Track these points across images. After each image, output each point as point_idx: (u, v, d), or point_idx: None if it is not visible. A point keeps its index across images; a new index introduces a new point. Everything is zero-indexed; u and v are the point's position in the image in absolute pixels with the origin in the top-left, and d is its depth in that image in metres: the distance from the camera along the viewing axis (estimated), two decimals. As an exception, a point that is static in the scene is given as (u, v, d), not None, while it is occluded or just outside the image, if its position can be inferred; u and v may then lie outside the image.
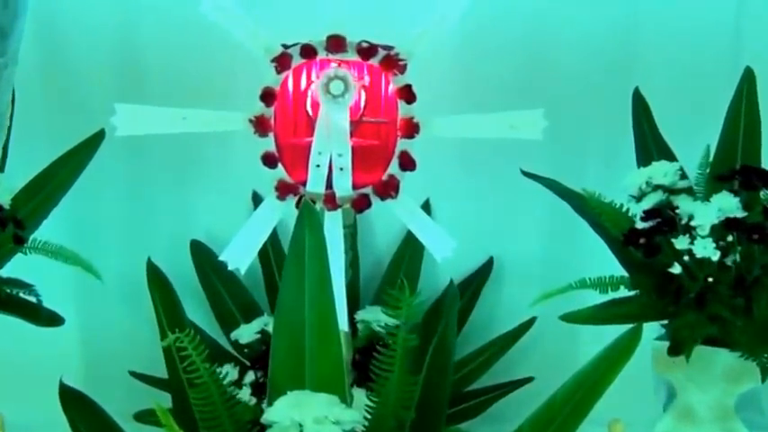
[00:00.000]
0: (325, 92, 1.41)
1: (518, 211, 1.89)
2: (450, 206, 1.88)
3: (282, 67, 1.43)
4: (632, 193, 1.52)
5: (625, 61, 1.83)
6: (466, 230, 1.76)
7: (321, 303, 1.09)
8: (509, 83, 1.81)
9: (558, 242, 1.88)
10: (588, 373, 1.07)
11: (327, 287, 1.09)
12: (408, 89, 1.45)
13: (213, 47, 1.75)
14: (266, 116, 1.43)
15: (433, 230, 1.48)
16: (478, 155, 1.83)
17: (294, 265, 1.09)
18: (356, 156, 1.44)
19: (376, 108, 1.46)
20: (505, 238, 1.91)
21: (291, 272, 1.09)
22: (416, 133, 1.45)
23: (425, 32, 1.44)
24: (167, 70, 1.83)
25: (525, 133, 1.47)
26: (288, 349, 1.11)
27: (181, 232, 1.89)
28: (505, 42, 1.82)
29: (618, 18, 1.83)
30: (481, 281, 1.89)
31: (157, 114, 1.45)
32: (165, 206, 1.92)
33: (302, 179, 1.45)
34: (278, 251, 1.82)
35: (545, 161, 1.72)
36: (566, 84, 1.83)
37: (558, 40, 1.82)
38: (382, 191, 1.46)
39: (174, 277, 1.75)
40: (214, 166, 1.89)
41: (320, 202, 1.44)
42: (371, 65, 1.44)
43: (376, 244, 1.92)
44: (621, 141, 1.69)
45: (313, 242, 1.10)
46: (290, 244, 1.10)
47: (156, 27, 1.82)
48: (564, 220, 1.72)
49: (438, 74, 1.76)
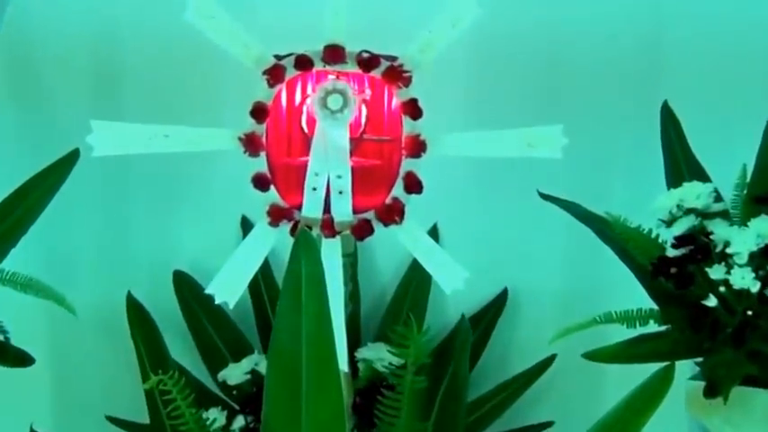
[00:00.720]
0: (323, 107, 1.41)
1: (535, 237, 1.89)
2: (461, 232, 1.88)
3: (275, 80, 1.43)
4: (662, 218, 1.51)
5: (652, 73, 1.83)
6: (478, 259, 1.75)
7: (320, 341, 1.08)
8: (525, 97, 1.81)
9: (580, 271, 1.88)
10: (615, 418, 1.07)
11: (326, 323, 1.08)
12: (414, 104, 1.45)
13: (198, 58, 1.75)
14: (257, 134, 1.43)
15: (442, 260, 1.48)
16: (491, 176, 1.83)
17: (289, 300, 1.08)
18: (357, 177, 1.44)
19: (378, 124, 1.46)
20: (521, 267, 1.91)
21: (287, 307, 1.08)
22: (423, 152, 1.45)
23: (432, 41, 1.44)
24: (148, 84, 1.84)
25: (543, 152, 1.47)
26: (282, 392, 1.10)
27: (163, 262, 1.89)
28: (521, 52, 1.82)
29: (643, 26, 1.83)
30: (495, 314, 1.89)
31: (137, 132, 1.44)
32: (146, 233, 1.91)
33: (297, 203, 1.45)
34: (270, 283, 1.82)
35: (565, 182, 1.71)
36: (587, 98, 1.83)
37: (578, 50, 1.83)
38: (385, 216, 1.46)
39: (154, 311, 1.76)
40: (199, 189, 1.89)
41: (317, 229, 1.44)
42: (373, 77, 1.44)
43: (378, 274, 1.92)
44: (649, 160, 1.68)
45: (310, 274, 1.09)
46: (284, 276, 1.10)
47: (136, 37, 1.83)
48: (586, 248, 1.71)
49: (447, 87, 1.77)
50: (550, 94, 1.82)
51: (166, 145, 1.43)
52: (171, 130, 1.44)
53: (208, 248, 1.87)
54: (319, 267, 1.10)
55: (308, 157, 1.43)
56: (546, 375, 1.83)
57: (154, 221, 1.91)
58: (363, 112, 1.46)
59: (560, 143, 1.47)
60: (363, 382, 1.65)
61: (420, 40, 1.44)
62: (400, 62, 1.44)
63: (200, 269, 1.86)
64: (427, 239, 1.50)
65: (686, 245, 1.44)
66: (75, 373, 1.90)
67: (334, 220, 1.44)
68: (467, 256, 1.54)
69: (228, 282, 1.44)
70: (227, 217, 1.87)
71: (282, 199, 1.45)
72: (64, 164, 1.65)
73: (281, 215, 1.45)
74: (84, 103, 1.83)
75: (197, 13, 1.40)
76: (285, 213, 1.45)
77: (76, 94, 1.84)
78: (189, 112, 1.77)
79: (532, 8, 1.81)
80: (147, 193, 1.89)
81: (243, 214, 1.87)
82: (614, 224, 1.52)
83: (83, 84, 1.85)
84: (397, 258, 1.87)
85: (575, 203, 1.64)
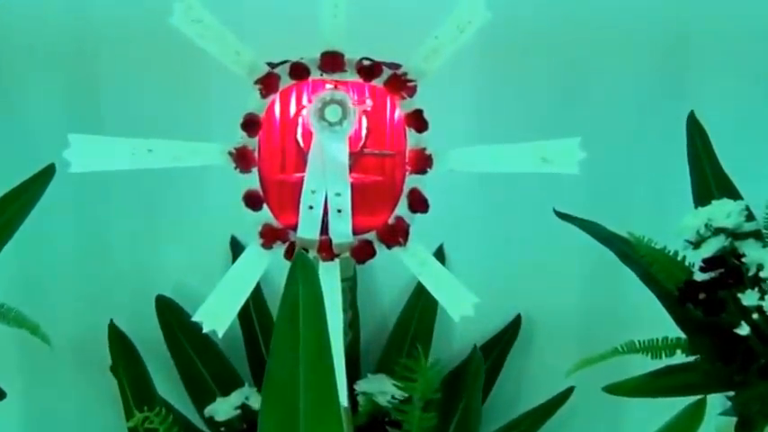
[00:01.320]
0: (320, 119, 1.41)
1: (551, 259, 1.89)
2: (470, 254, 1.88)
3: (268, 90, 1.43)
4: (689, 238, 1.51)
5: (677, 81, 1.83)
6: (488, 284, 1.74)
7: (319, 374, 1.06)
8: (539, 108, 1.81)
9: (600, 297, 1.88)
10: (641, 458, 1.06)
11: (326, 354, 1.07)
12: (418, 115, 1.44)
13: (185, 66, 1.75)
14: (249, 148, 1.43)
15: (450, 284, 1.47)
16: (503, 193, 1.83)
17: (286, 328, 1.07)
18: (357, 195, 1.43)
19: (380, 138, 1.46)
20: (536, 292, 1.91)
21: (283, 336, 1.07)
22: (429, 167, 1.45)
23: (439, 48, 1.44)
24: (130, 95, 1.84)
25: (559, 167, 1.47)
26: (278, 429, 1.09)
27: (145, 287, 1.88)
28: (534, 59, 1.82)
29: (667, 31, 1.83)
30: (507, 344, 1.89)
31: (118, 146, 1.44)
32: (128, 255, 1.91)
33: (292, 223, 1.44)
34: (262, 310, 1.82)
35: (583, 200, 1.71)
36: (606, 108, 1.83)
37: (596, 57, 1.83)
38: (388, 237, 1.45)
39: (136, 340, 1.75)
40: (186, 208, 1.89)
41: (314, 251, 1.43)
42: (374, 86, 1.44)
43: (380, 300, 1.92)
44: (674, 176, 1.68)
45: (309, 300, 1.08)
46: (280, 302, 1.09)
47: (116, 44, 1.83)
48: (606, 271, 1.71)
49: (454, 97, 1.77)
50: (567, 105, 1.82)
51: (150, 160, 1.43)
52: (155, 144, 1.43)
53: (194, 272, 1.87)
54: (318, 293, 1.09)
55: (303, 174, 1.43)
56: (562, 410, 1.82)
57: (136, 243, 1.91)
58: (364, 124, 1.45)
59: (577, 157, 1.46)
60: (364, 417, 1.64)
61: (425, 47, 1.43)
62: (404, 70, 1.44)
63: (186, 294, 1.86)
64: (433, 262, 1.49)
65: (716, 268, 1.44)
66: (51, 409, 1.89)
67: (332, 242, 1.43)
68: (476, 281, 1.53)
69: (217, 309, 1.43)
70: (215, 238, 1.87)
71: (276, 219, 1.44)
72: (38, 180, 1.64)
73: (274, 236, 1.44)
74: (60, 114, 1.83)
75: (184, 18, 1.39)
76: (279, 234, 1.44)
77: (52, 106, 1.84)
78: (174, 125, 1.77)
79: (546, 11, 1.81)
80: (129, 212, 1.89)
81: (233, 235, 1.87)
82: (637, 245, 1.52)
83: (59, 94, 1.85)
84: (401, 283, 1.87)
85: (594, 223, 1.64)
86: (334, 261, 1.44)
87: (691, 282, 1.45)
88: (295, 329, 1.08)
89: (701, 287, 1.43)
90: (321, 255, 1.43)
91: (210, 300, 1.43)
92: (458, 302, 1.46)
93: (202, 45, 1.40)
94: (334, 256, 1.44)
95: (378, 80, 1.43)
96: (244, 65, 1.42)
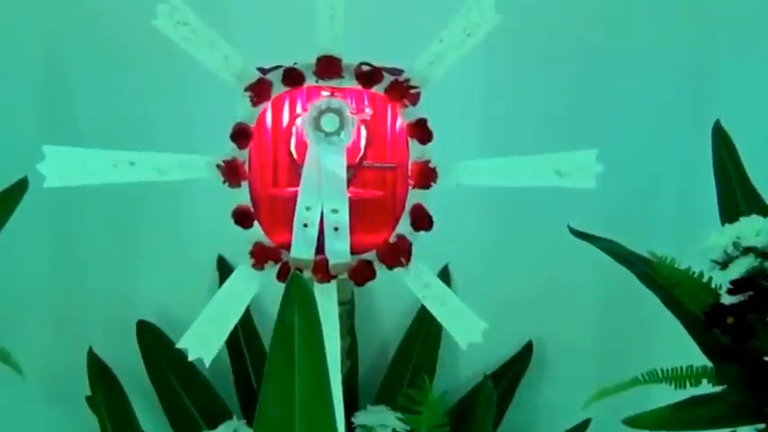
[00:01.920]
0: (315, 129, 1.41)
1: (565, 281, 1.89)
2: (477, 276, 1.88)
3: (259, 98, 1.43)
4: (715, 258, 1.51)
5: (701, 90, 1.84)
6: (498, 307, 1.75)
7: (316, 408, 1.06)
8: (553, 117, 1.82)
9: (618, 322, 1.89)
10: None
11: (324, 385, 1.07)
12: (422, 125, 1.44)
13: (170, 73, 1.76)
14: (238, 160, 1.42)
15: (456, 308, 1.47)
16: (513, 209, 1.83)
17: (280, 358, 1.06)
18: (355, 211, 1.43)
19: (381, 149, 1.46)
20: (549, 316, 1.91)
21: (276, 366, 1.06)
22: (433, 182, 1.45)
23: (444, 52, 1.44)
24: (109, 103, 1.83)
25: (575, 181, 1.47)
26: (271, 468, 1.09)
27: (126, 311, 1.88)
28: (548, 64, 1.82)
29: (692, 38, 1.84)
30: (518, 373, 1.89)
31: (97, 159, 1.43)
32: (106, 277, 1.91)
33: (285, 242, 1.44)
34: (251, 336, 1.82)
35: (600, 216, 1.71)
36: (625, 118, 1.84)
37: (615, 63, 1.84)
38: (389, 257, 1.45)
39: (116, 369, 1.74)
40: (169, 226, 1.89)
41: (309, 272, 1.43)
42: (374, 93, 1.44)
43: (379, 325, 1.92)
44: (699, 190, 1.68)
45: (304, 327, 1.07)
46: (274, 329, 1.08)
47: (94, 47, 1.83)
48: (625, 293, 1.71)
49: (461, 105, 1.77)
50: (583, 115, 1.83)
51: (132, 174, 1.43)
52: (137, 157, 1.43)
53: (178, 295, 1.87)
54: (315, 318, 1.08)
55: (297, 188, 1.43)
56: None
57: (115, 263, 1.91)
58: (363, 134, 1.45)
59: (594, 170, 1.46)
60: (362, 452, 1.65)
61: (429, 51, 1.43)
62: (406, 76, 1.44)
63: (170, 319, 1.86)
64: (438, 284, 1.49)
65: (744, 290, 1.43)
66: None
67: (328, 262, 1.43)
68: (484, 305, 1.53)
69: (204, 335, 1.42)
70: (201, 258, 1.87)
71: (268, 237, 1.44)
72: (10, 196, 1.64)
73: (266, 256, 1.44)
74: (33, 124, 1.83)
75: (168, 20, 1.39)
76: (271, 254, 1.44)
77: (24, 114, 1.84)
78: (158, 136, 1.78)
79: (562, 13, 1.82)
80: (108, 230, 1.89)
81: (220, 254, 1.87)
82: (659, 266, 1.52)
83: (31, 102, 1.85)
84: (402, 307, 1.87)
85: (612, 241, 1.64)
86: (330, 283, 1.44)
87: (717, 305, 1.45)
88: (289, 357, 1.07)
89: (729, 311, 1.43)
90: (317, 276, 1.43)
91: (196, 325, 1.43)
92: (465, 328, 1.46)
93: (188, 49, 1.40)
94: (330, 278, 1.44)
95: (378, 87, 1.43)
96: (233, 70, 1.42)
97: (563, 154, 1.47)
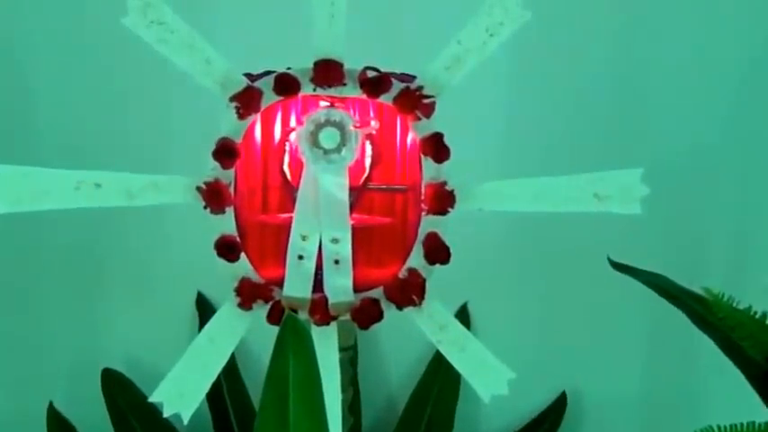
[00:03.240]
0: (312, 145, 1.40)
1: (604, 322, 1.89)
2: (502, 316, 1.89)
3: (247, 109, 1.42)
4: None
5: (761, 103, 1.84)
6: (525, 353, 1.78)
7: (316, 474, 1.07)
8: (591, 131, 1.82)
9: (666, 369, 1.88)
10: None
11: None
12: (438, 140, 1.43)
13: (141, 79, 1.76)
14: (222, 182, 1.42)
15: (477, 354, 1.46)
16: (542, 239, 1.84)
17: (272, 415, 1.06)
18: (359, 241, 1.43)
19: (389, 168, 1.46)
20: (585, 363, 1.92)
21: (268, 425, 1.07)
22: (450, 206, 1.44)
23: (462, 55, 1.44)
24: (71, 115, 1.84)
25: (617, 205, 1.45)
26: None
27: (89, 358, 1.88)
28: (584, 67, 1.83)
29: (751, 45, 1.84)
30: (550, 429, 1.88)
31: (57, 180, 1.42)
32: (67, 319, 1.91)
33: (277, 277, 1.43)
34: (237, 388, 1.83)
35: (645, 247, 1.72)
36: (674, 133, 1.84)
37: (663, 72, 1.84)
38: (399, 294, 1.44)
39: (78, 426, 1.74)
40: (140, 258, 1.89)
41: (305, 313, 1.42)
42: (382, 104, 1.43)
43: (387, 375, 1.92)
44: (759, 218, 1.68)
45: (301, 378, 1.07)
46: (266, 381, 1.08)
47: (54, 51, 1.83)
48: (674, 336, 1.73)
49: (482, 116, 1.78)
50: (624, 128, 1.83)
51: (97, 197, 1.41)
52: (103, 178, 1.42)
53: (151, 340, 1.88)
54: (313, 368, 1.09)
55: (291, 214, 1.42)
56: None
57: (77, 303, 1.91)
58: (368, 151, 1.45)
59: (639, 194, 1.45)
60: None
61: (446, 54, 1.43)
62: (419, 83, 1.43)
63: (141, 368, 1.87)
64: (456, 326, 1.48)
65: (816, 334, 1.44)
66: None
67: (327, 301, 1.42)
68: (510, 350, 1.51)
69: (181, 386, 1.41)
70: (178, 296, 1.88)
71: (256, 271, 1.43)
72: (-45, 224, 1.65)
73: (254, 294, 1.43)
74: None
75: (140, 18, 1.38)
76: (260, 292, 1.43)
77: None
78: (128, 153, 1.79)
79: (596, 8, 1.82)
80: (69, 264, 1.89)
81: (199, 292, 1.88)
82: (715, 305, 1.51)
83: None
84: (414, 353, 1.88)
85: (658, 275, 1.64)
86: (330, 326, 1.43)
87: (784, 351, 1.45)
88: (283, 414, 1.08)
89: (798, 358, 1.43)
90: (314, 318, 1.42)
91: (173, 375, 1.42)
92: (487, 378, 1.45)
93: (164, 52, 1.39)
94: (330, 320, 1.43)
95: (386, 96, 1.42)
96: (216, 77, 1.41)
97: (602, 173, 1.46)
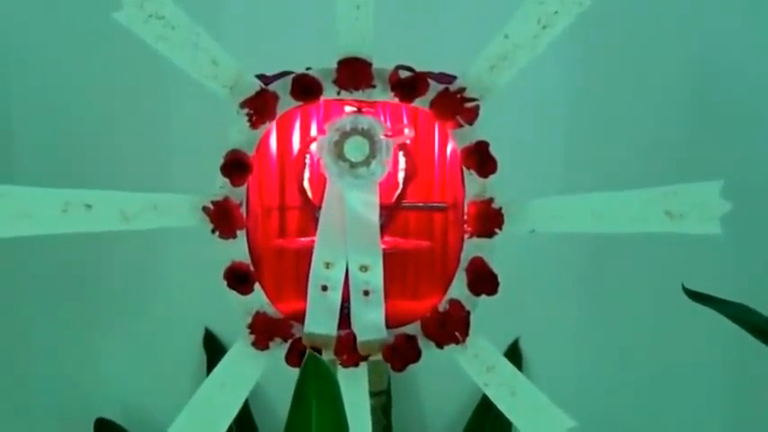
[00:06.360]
0: (337, 157, 1.39)
1: (678, 359, 1.88)
2: (558, 355, 1.88)
3: (260, 116, 1.40)
4: None
5: None
6: (586, 396, 1.78)
7: None
8: (661, 138, 1.81)
9: (752, 411, 1.88)
10: None
11: None
12: (482, 150, 1.41)
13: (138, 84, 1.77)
14: (233, 201, 1.41)
15: (531, 400, 1.44)
16: (605, 263, 1.83)
17: (294, 472, 1.07)
18: (392, 268, 1.42)
19: (426, 184, 1.46)
20: (656, 407, 1.91)
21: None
22: (498, 228, 1.42)
23: (510, 52, 1.41)
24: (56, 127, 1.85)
25: (693, 225, 1.43)
26: None
27: (81, 406, 1.89)
28: (652, 64, 1.82)
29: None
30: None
31: (43, 201, 1.42)
32: (55, 362, 1.92)
33: (297, 311, 1.42)
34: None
35: (724, 273, 1.72)
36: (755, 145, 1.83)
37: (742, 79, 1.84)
38: (438, 331, 1.42)
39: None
40: (139, 290, 1.90)
41: (329, 353, 1.40)
42: (417, 109, 1.42)
43: (425, 424, 1.91)
44: None
45: (325, 427, 1.08)
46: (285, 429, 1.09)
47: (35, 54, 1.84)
48: (759, 373, 1.73)
49: (535, 124, 1.77)
50: (701, 134, 1.82)
51: (88, 220, 1.40)
52: (95, 197, 1.41)
53: (151, 384, 1.89)
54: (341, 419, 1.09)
55: (313, 238, 1.40)
56: None
57: (67, 343, 1.91)
58: (402, 164, 1.44)
59: (719, 210, 1.42)
60: None
61: (491, 51, 1.40)
62: (460, 85, 1.41)
63: (139, 416, 1.88)
64: (506, 367, 1.46)
65: None
66: None
67: (356, 339, 1.41)
68: (568, 394, 1.50)
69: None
70: (182, 333, 1.88)
71: (273, 305, 1.42)
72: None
73: (270, 331, 1.42)
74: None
75: (136, 13, 1.37)
76: (278, 328, 1.42)
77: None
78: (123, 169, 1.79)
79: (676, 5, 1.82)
80: (57, 297, 1.89)
81: (207, 328, 1.88)
82: (806, 339, 1.51)
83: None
84: (457, 398, 1.87)
85: (741, 305, 1.61)
86: (359, 367, 1.42)
87: None
88: (306, 472, 1.08)
89: None
90: (341, 358, 1.41)
91: (177, 426, 1.41)
92: (543, 426, 1.44)
93: (164, 51, 1.38)
94: (359, 361, 1.42)
95: (422, 100, 1.40)
96: (224, 79, 1.40)
97: (675, 187, 1.44)
